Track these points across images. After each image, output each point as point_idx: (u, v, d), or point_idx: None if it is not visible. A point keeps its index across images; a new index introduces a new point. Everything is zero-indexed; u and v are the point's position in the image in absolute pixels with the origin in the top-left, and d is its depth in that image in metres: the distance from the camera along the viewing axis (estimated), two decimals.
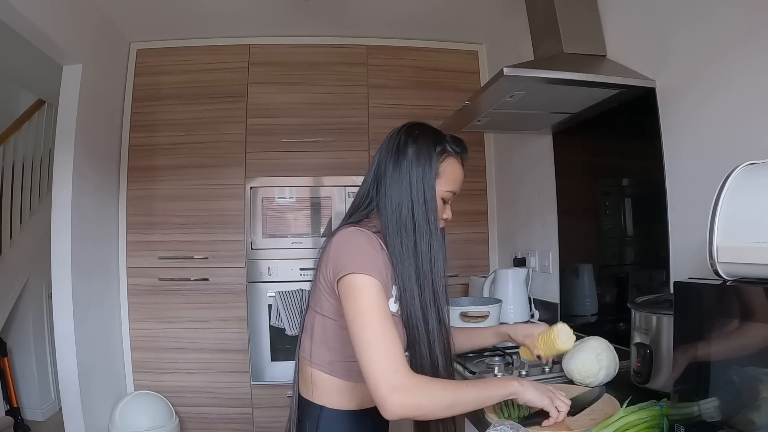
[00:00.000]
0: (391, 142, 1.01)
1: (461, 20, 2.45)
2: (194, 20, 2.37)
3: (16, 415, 2.92)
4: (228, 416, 2.40)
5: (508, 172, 2.49)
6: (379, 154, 1.02)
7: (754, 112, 1.07)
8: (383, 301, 0.86)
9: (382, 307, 0.85)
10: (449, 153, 1.02)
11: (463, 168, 1.05)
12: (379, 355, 0.79)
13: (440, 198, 1.00)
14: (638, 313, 1.09)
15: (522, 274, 2.03)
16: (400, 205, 0.95)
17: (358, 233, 0.94)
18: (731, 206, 0.76)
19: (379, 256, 0.91)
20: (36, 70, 2.55)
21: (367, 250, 0.90)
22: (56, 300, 2.06)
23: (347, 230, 0.95)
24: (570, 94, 1.48)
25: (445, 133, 1.04)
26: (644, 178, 1.49)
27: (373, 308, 0.84)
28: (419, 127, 1.03)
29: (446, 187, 1.01)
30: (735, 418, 0.71)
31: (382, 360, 0.79)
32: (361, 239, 0.92)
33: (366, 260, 0.88)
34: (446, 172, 1.00)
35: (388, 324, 0.83)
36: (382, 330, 0.82)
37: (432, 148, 0.99)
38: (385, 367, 0.79)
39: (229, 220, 2.46)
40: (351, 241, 0.92)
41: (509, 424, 0.87)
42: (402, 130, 1.02)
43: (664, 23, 1.34)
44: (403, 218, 0.95)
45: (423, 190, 0.96)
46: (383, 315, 0.84)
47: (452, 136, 1.04)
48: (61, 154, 2.08)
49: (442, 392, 0.81)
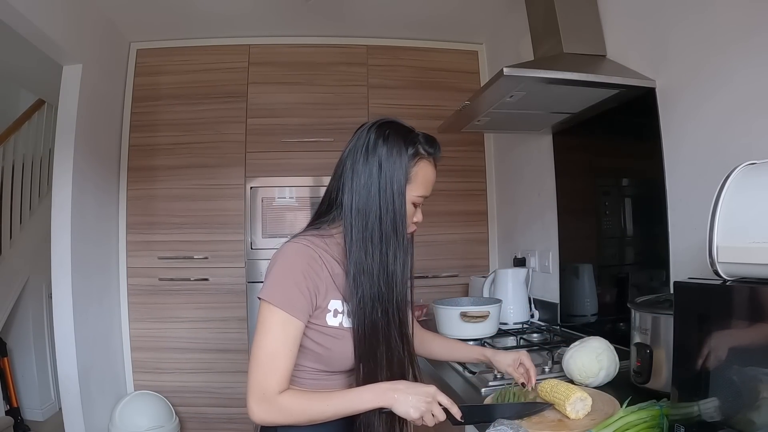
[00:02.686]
0: (359, 141, 0.94)
1: (461, 20, 2.45)
2: (194, 20, 2.37)
3: (16, 415, 2.92)
4: (228, 416, 2.40)
5: (508, 172, 2.49)
6: (346, 154, 0.95)
7: (754, 112, 1.07)
8: (288, 331, 0.86)
9: (282, 337, 0.85)
10: (422, 155, 0.94)
11: (435, 168, 0.98)
12: (259, 374, 0.84)
13: (411, 203, 0.94)
14: (638, 313, 1.09)
15: (522, 274, 2.03)
16: (367, 213, 0.90)
17: (296, 252, 0.90)
18: (731, 206, 0.76)
19: (304, 280, 0.87)
20: (36, 70, 2.55)
21: (290, 277, 0.87)
22: (56, 300, 2.06)
23: (288, 245, 0.92)
24: (570, 94, 1.48)
25: (417, 132, 0.96)
26: (644, 178, 1.49)
27: (270, 333, 0.85)
28: (390, 126, 0.95)
29: (418, 192, 0.95)
30: (735, 418, 0.71)
31: (260, 379, 0.83)
32: (293, 261, 0.89)
33: (283, 289, 0.87)
34: (418, 177, 0.94)
35: (279, 352, 0.85)
36: (268, 355, 0.84)
37: (404, 150, 0.92)
38: (256, 390, 0.83)
39: (229, 220, 2.46)
40: (280, 262, 0.89)
41: (509, 424, 0.87)
42: (372, 129, 0.94)
43: (664, 23, 1.34)
44: (370, 227, 0.90)
45: (393, 198, 0.90)
46: (278, 343, 0.85)
47: (425, 134, 0.97)
48: (61, 154, 2.08)
49: (300, 411, 0.84)
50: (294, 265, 0.88)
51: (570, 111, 1.66)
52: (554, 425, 0.94)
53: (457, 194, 2.60)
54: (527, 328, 1.88)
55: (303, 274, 0.88)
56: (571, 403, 0.95)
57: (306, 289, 0.88)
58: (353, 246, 0.90)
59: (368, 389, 0.87)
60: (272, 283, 0.88)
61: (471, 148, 2.62)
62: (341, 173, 0.95)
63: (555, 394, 1.00)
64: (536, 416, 0.98)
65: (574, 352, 1.18)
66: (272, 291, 0.87)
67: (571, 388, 0.99)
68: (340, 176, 0.95)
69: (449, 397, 0.88)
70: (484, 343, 1.58)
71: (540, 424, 0.94)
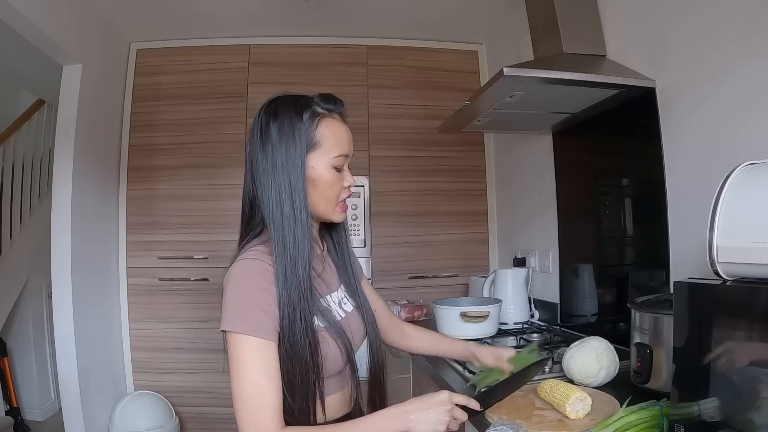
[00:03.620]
0: (255, 129, 0.88)
1: (461, 20, 2.45)
2: (194, 20, 2.37)
3: (16, 415, 2.92)
4: (228, 416, 2.37)
5: (508, 172, 2.49)
6: (248, 149, 0.89)
7: (754, 112, 1.07)
8: (264, 357, 0.78)
9: (260, 365, 0.77)
10: (321, 114, 0.88)
11: (346, 124, 0.91)
12: (248, 417, 0.75)
13: (331, 167, 0.87)
14: (638, 313, 1.09)
15: (522, 274, 2.03)
16: (270, 198, 0.84)
17: (244, 270, 0.81)
18: (731, 206, 0.76)
19: (264, 299, 0.79)
20: (36, 70, 2.55)
21: (249, 298, 0.80)
22: (56, 300, 2.06)
23: (238, 264, 0.83)
24: (570, 94, 1.48)
25: (310, 95, 0.90)
26: (644, 178, 1.49)
27: (247, 365, 0.77)
28: (278, 102, 0.89)
29: (333, 152, 0.87)
30: (735, 418, 0.71)
31: (250, 423, 0.75)
32: (245, 281, 0.81)
33: (247, 314, 0.78)
34: (325, 137, 0.86)
35: (264, 384, 0.76)
36: (253, 389, 0.76)
37: (296, 118, 0.85)
38: (252, 429, 0.75)
39: (229, 220, 2.46)
40: (232, 287, 0.81)
41: (509, 424, 0.87)
42: (261, 112, 0.89)
43: (664, 23, 1.34)
44: (272, 211, 0.83)
45: (289, 173, 0.83)
46: (259, 374, 0.77)
47: (320, 94, 0.90)
48: (61, 154, 2.08)
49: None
50: (247, 285, 0.80)
51: (570, 111, 1.66)
52: (554, 425, 0.94)
53: (457, 194, 2.60)
54: (527, 328, 1.88)
55: (259, 290, 0.80)
56: (571, 403, 0.95)
57: (267, 305, 0.80)
58: (272, 242, 0.83)
59: (379, 416, 0.80)
60: (230, 311, 0.79)
61: (471, 148, 2.62)
62: (250, 168, 0.88)
63: (555, 394, 1.00)
64: (536, 416, 0.98)
65: (574, 352, 1.18)
66: (233, 319, 0.78)
67: (571, 388, 0.99)
68: (250, 172, 0.88)
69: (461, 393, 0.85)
70: (484, 343, 1.58)
71: (540, 425, 0.94)
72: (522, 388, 1.07)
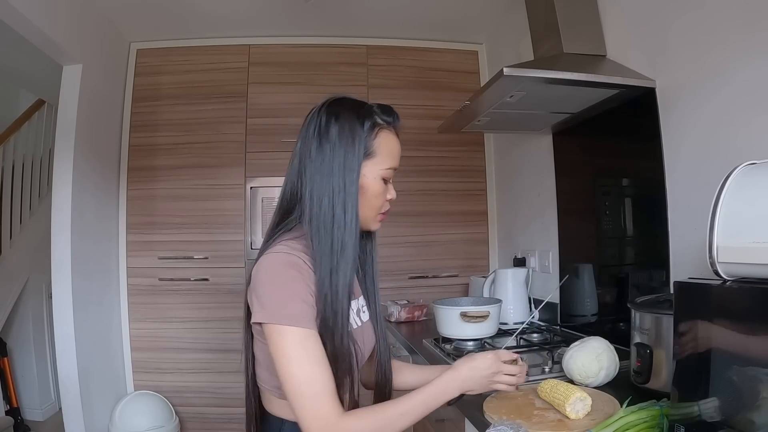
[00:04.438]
0: (311, 125, 0.88)
1: (461, 20, 2.45)
2: (194, 20, 2.37)
3: (16, 415, 2.92)
4: (228, 416, 2.39)
5: (508, 172, 2.49)
6: (300, 143, 0.89)
7: (754, 112, 1.07)
8: (309, 346, 0.77)
9: (307, 355, 0.77)
10: (381, 126, 0.88)
11: (398, 138, 0.92)
12: (308, 408, 0.75)
13: (380, 178, 0.88)
14: (638, 313, 1.09)
15: (522, 274, 2.03)
16: (321, 197, 0.83)
17: (281, 261, 0.81)
18: (731, 206, 0.76)
19: (301, 289, 0.79)
20: (36, 70, 2.55)
21: (287, 288, 0.79)
22: (56, 300, 2.06)
23: (269, 256, 0.82)
24: (570, 94, 1.48)
25: (371, 104, 0.90)
26: (644, 178, 1.49)
27: (295, 357, 0.76)
28: (341, 103, 0.89)
29: (385, 164, 0.88)
30: (735, 418, 0.71)
31: (312, 414, 0.75)
32: (283, 271, 0.80)
33: (286, 305, 0.78)
34: (381, 148, 0.87)
35: (316, 372, 0.76)
36: (307, 380, 0.75)
37: (357, 124, 0.86)
38: (316, 422, 0.74)
39: (229, 220, 2.46)
40: (272, 278, 0.80)
41: (509, 424, 0.87)
42: (322, 110, 0.88)
43: (664, 23, 1.34)
44: (323, 212, 0.83)
45: (344, 176, 0.84)
46: (309, 363, 0.76)
47: (379, 104, 0.90)
48: (61, 154, 2.08)
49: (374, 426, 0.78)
50: (283, 276, 0.80)
51: (570, 111, 1.66)
52: (554, 425, 0.94)
53: (457, 194, 2.60)
54: (527, 328, 1.88)
55: (296, 281, 0.80)
56: (571, 404, 0.95)
57: (306, 296, 0.80)
58: (312, 236, 0.83)
59: (434, 386, 0.85)
60: (269, 302, 0.79)
61: (471, 148, 2.62)
62: (297, 164, 0.89)
63: (555, 394, 1.00)
64: (536, 416, 0.98)
65: (574, 352, 1.17)
66: (273, 311, 0.78)
67: (571, 388, 0.99)
68: (297, 169, 0.89)
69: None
70: (484, 343, 1.58)
71: (540, 425, 0.94)
72: (521, 388, 1.07)
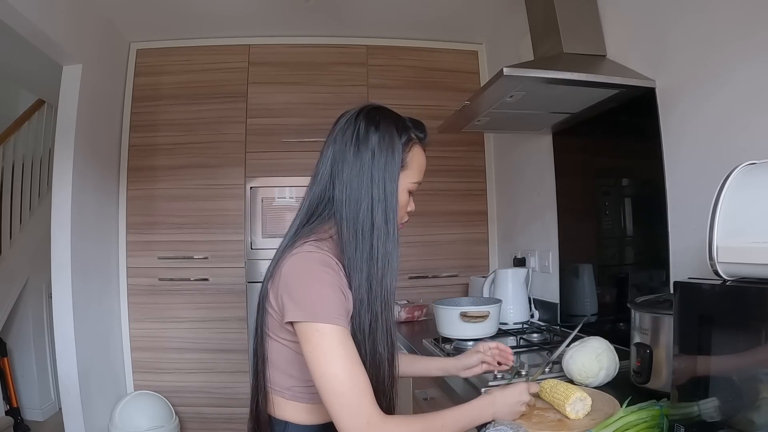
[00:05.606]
0: (349, 130, 0.88)
1: (461, 20, 2.45)
2: (194, 20, 2.37)
3: (16, 415, 2.92)
4: (228, 416, 2.40)
5: (508, 172, 2.49)
6: (334, 145, 0.89)
7: (754, 112, 1.07)
8: (347, 344, 0.77)
9: (347, 354, 0.76)
10: (414, 141, 0.92)
11: (425, 153, 0.95)
12: (350, 408, 0.74)
13: (407, 191, 0.91)
14: (638, 313, 1.09)
15: (522, 274, 2.03)
16: (359, 203, 0.84)
17: (313, 259, 0.81)
18: (731, 206, 0.76)
19: (337, 287, 0.80)
20: (36, 70, 2.55)
21: (324, 286, 0.79)
22: (56, 300, 2.06)
23: (300, 255, 0.82)
24: (570, 94, 1.48)
25: (405, 117, 0.93)
26: (644, 178, 1.49)
27: (336, 355, 0.75)
28: (380, 113, 0.90)
29: (414, 178, 0.92)
30: (735, 418, 0.71)
31: (353, 413, 0.73)
32: (317, 270, 0.80)
33: (325, 303, 0.78)
34: (413, 163, 0.91)
35: (356, 371, 0.76)
36: (349, 379, 0.75)
37: (396, 136, 0.88)
38: (357, 420, 0.73)
39: (229, 220, 2.46)
40: (305, 275, 0.80)
41: (509, 424, 0.87)
42: (361, 116, 0.89)
43: (664, 23, 1.34)
44: (362, 218, 0.84)
45: (385, 186, 0.85)
46: (350, 362, 0.76)
47: (412, 119, 0.94)
48: (61, 154, 2.08)
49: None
50: (316, 274, 0.80)
51: (570, 111, 1.66)
52: (554, 425, 0.94)
53: (457, 194, 2.60)
54: (527, 328, 1.88)
55: (329, 279, 0.80)
56: (571, 404, 0.95)
57: (341, 294, 0.80)
58: (346, 242, 0.84)
59: (470, 407, 0.87)
60: (305, 299, 0.78)
61: (471, 148, 2.62)
62: (331, 165, 0.89)
63: (555, 394, 0.99)
64: (536, 416, 0.98)
65: (574, 352, 1.17)
66: (310, 308, 0.77)
67: (571, 388, 0.98)
68: (330, 169, 0.89)
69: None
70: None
71: (540, 425, 0.94)
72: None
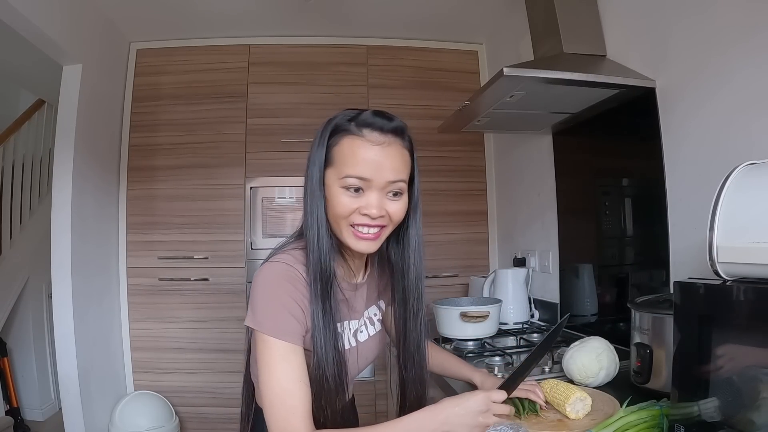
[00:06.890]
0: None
1: (461, 20, 2.45)
2: (194, 20, 2.37)
3: (16, 415, 2.92)
4: (228, 416, 2.39)
5: (508, 172, 2.49)
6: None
7: (754, 112, 1.07)
8: (291, 360, 0.78)
9: (287, 369, 0.77)
10: (344, 131, 0.83)
11: (383, 147, 0.82)
12: (277, 421, 0.76)
13: (341, 187, 0.82)
14: (638, 313, 1.09)
15: (522, 274, 2.03)
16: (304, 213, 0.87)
17: (276, 271, 0.82)
18: (731, 206, 0.76)
19: (293, 302, 0.80)
20: (36, 70, 2.55)
21: (277, 301, 0.80)
22: (56, 300, 2.06)
23: (266, 265, 0.83)
24: (570, 94, 1.48)
25: (355, 110, 0.86)
26: (644, 179, 1.49)
27: (276, 370, 0.77)
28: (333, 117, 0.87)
29: (341, 172, 0.81)
30: (735, 418, 0.71)
31: (280, 427, 0.76)
32: (276, 283, 0.81)
33: (276, 318, 0.79)
34: (339, 155, 0.82)
35: (293, 387, 0.77)
36: (282, 393, 0.76)
37: (322, 133, 0.85)
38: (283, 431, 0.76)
39: (229, 220, 2.46)
40: (264, 286, 0.81)
41: (509, 424, 0.87)
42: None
43: (664, 23, 1.34)
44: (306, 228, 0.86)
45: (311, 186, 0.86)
46: (287, 379, 0.77)
47: (373, 111, 0.85)
48: (61, 154, 2.08)
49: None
50: (277, 288, 0.81)
51: (570, 111, 1.66)
52: (554, 425, 0.94)
53: (457, 194, 2.60)
54: (527, 328, 1.88)
55: (289, 295, 0.80)
56: (571, 404, 0.95)
57: (295, 310, 0.80)
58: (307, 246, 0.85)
59: (412, 419, 0.77)
60: (260, 310, 0.80)
61: (471, 148, 2.62)
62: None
63: (555, 394, 1.00)
64: (536, 416, 0.98)
65: (574, 352, 1.18)
66: (262, 320, 0.79)
67: (571, 388, 0.99)
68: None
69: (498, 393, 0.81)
70: (484, 343, 1.58)
71: (540, 424, 0.94)
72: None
